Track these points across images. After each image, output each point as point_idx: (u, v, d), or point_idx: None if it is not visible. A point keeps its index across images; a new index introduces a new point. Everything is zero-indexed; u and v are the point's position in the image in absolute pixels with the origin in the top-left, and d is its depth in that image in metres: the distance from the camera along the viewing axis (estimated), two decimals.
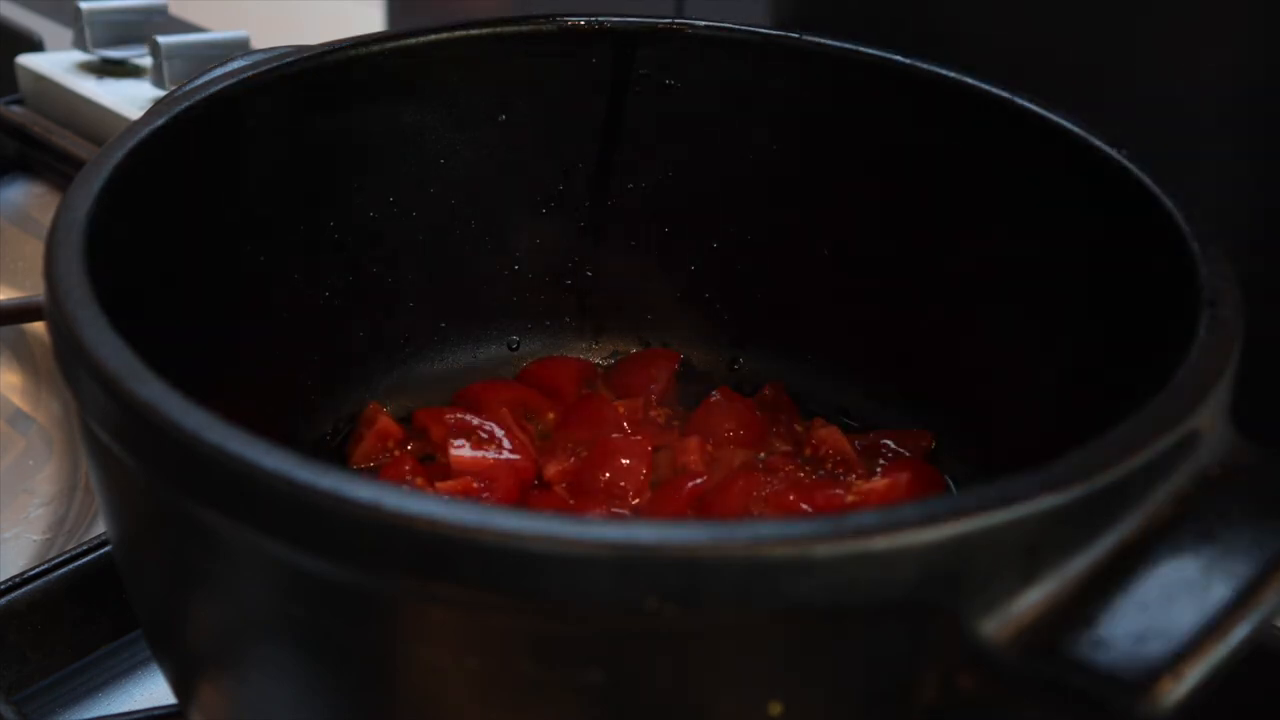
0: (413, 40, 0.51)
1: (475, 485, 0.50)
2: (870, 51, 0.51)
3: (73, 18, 0.84)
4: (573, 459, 0.52)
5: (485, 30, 0.52)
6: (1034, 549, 0.29)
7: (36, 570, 0.47)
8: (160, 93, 0.78)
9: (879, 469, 0.52)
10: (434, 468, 0.52)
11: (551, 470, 0.52)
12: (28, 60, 0.84)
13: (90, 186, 0.39)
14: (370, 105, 0.51)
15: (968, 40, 0.50)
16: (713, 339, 0.58)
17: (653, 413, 0.56)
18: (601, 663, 0.29)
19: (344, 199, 0.52)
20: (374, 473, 0.51)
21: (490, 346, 0.58)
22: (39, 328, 0.69)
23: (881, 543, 0.27)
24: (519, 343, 0.58)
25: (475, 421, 0.53)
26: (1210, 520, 0.31)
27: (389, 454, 0.53)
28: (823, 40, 0.52)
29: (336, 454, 0.53)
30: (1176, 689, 0.27)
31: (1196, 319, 0.35)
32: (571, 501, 0.51)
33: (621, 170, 0.56)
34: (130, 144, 0.41)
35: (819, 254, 0.55)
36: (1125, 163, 0.43)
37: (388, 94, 0.51)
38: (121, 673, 0.49)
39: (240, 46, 0.80)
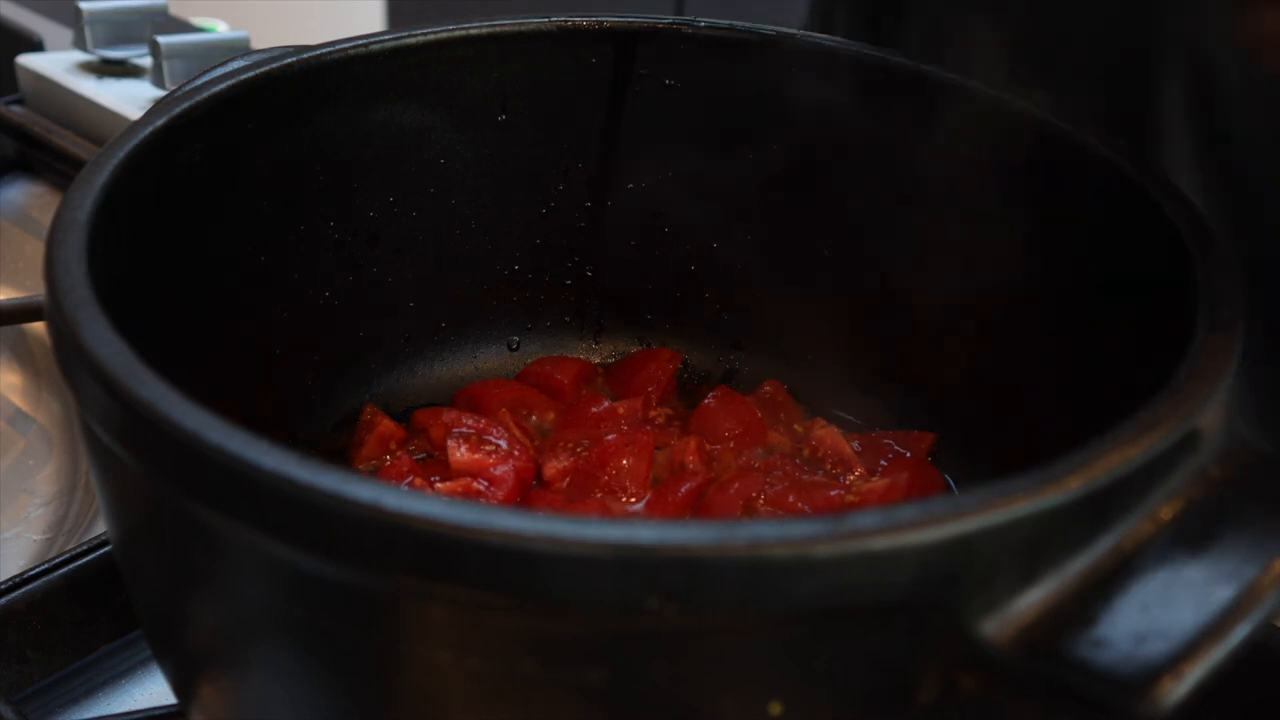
0: (413, 40, 0.51)
1: (475, 485, 0.50)
2: (870, 51, 0.51)
3: (73, 18, 0.84)
4: (573, 459, 0.52)
5: (485, 30, 0.52)
6: (1034, 549, 0.29)
7: (36, 570, 0.47)
8: (160, 93, 0.78)
9: (879, 469, 0.52)
10: (434, 467, 0.52)
11: (551, 470, 0.52)
12: (28, 60, 0.84)
13: (90, 186, 0.39)
14: (370, 105, 0.51)
15: None
16: (713, 339, 0.58)
17: (653, 413, 0.56)
18: (602, 663, 0.29)
19: (344, 199, 0.52)
20: (374, 473, 0.51)
21: (490, 346, 0.58)
22: (39, 328, 0.69)
23: (881, 543, 0.27)
24: (519, 343, 0.58)
25: (475, 421, 0.53)
26: (1210, 520, 0.31)
27: (391, 455, 0.52)
28: (823, 40, 0.52)
29: (336, 455, 0.53)
30: (1176, 689, 0.27)
31: (1196, 319, 0.35)
32: (571, 501, 0.51)
33: (621, 170, 0.56)
34: (130, 144, 0.41)
35: (819, 254, 0.55)
36: (1125, 164, 0.43)
37: (388, 94, 0.51)
38: (121, 673, 0.49)
39: (240, 46, 0.80)
